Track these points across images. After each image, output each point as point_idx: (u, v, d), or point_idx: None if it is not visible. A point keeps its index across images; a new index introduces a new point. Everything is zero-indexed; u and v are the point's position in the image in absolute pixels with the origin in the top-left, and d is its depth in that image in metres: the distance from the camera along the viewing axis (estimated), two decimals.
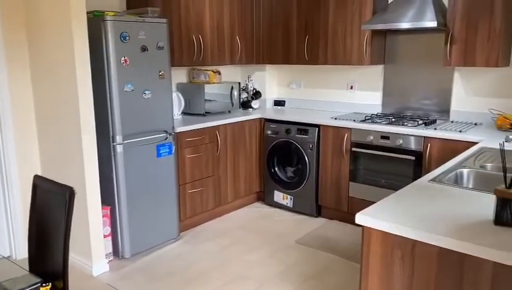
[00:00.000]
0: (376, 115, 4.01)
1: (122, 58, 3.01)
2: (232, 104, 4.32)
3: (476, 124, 3.56)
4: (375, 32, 3.80)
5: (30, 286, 1.55)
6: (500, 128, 3.30)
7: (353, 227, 3.76)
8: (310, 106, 4.62)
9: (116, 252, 3.25)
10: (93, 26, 2.92)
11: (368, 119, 3.79)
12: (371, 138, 3.59)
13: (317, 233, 3.71)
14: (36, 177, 2.09)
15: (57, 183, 1.98)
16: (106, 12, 3.00)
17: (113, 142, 3.07)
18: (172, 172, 3.45)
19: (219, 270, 3.09)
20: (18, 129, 3.16)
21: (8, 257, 3.27)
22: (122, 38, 2.99)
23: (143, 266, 3.16)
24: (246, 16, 4.34)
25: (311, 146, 3.92)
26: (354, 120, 3.76)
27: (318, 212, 4.06)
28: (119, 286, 2.89)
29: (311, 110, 4.49)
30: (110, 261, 3.19)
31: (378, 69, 4.10)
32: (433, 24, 3.21)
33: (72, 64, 2.81)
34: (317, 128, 3.88)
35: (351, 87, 4.31)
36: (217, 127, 3.85)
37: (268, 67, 4.76)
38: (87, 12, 2.90)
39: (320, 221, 3.97)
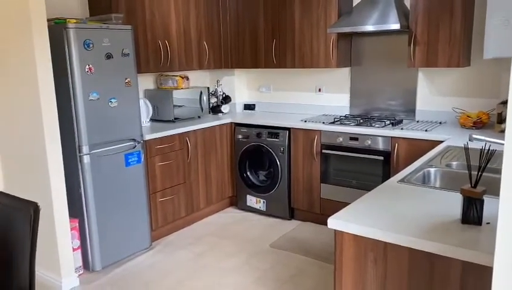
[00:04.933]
0: (344, 116, 4.07)
1: (87, 66, 2.93)
2: (202, 110, 4.29)
3: (440, 123, 3.66)
4: (341, 35, 3.86)
5: None
6: (463, 126, 3.41)
7: (326, 228, 3.79)
8: (279, 109, 4.64)
9: (86, 265, 3.16)
10: (54, 34, 2.84)
11: (337, 121, 3.83)
12: (340, 139, 3.63)
13: (290, 236, 3.72)
14: None
15: (20, 199, 1.90)
16: (68, 19, 2.91)
17: (79, 152, 2.99)
18: (141, 181, 3.38)
19: (194, 279, 3.05)
20: None
21: None
22: (85, 46, 2.91)
23: (115, 279, 3.08)
24: (213, 20, 4.32)
25: (282, 149, 3.94)
26: (323, 122, 3.79)
27: (291, 214, 4.07)
28: None
29: (281, 113, 4.51)
30: (80, 274, 3.09)
31: (345, 71, 4.16)
32: (396, 26, 3.29)
33: (33, 74, 2.71)
34: (287, 131, 3.90)
35: (319, 90, 4.35)
36: (187, 133, 3.81)
37: (237, 71, 4.75)
38: (48, 20, 2.81)
39: (294, 223, 3.98)
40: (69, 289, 2.95)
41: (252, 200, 4.23)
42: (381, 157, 3.44)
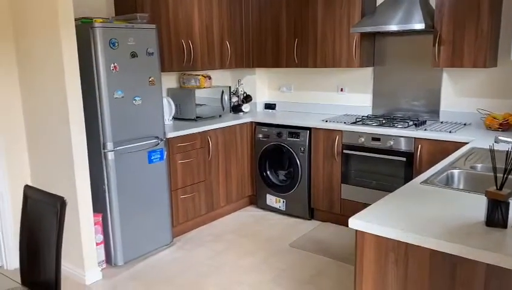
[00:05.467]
0: (367, 116, 4.03)
1: (112, 65, 2.99)
2: (223, 109, 4.32)
3: (465, 124, 3.60)
4: (364, 35, 3.83)
5: None
6: (489, 128, 3.34)
7: (346, 229, 3.77)
8: (300, 108, 4.63)
9: (109, 259, 3.22)
10: (81, 34, 2.90)
11: (359, 121, 3.81)
12: (362, 139, 3.61)
13: (310, 236, 3.71)
14: (27, 187, 2.06)
15: (48, 193, 1.96)
16: (94, 19, 2.98)
17: (104, 149, 3.05)
18: (164, 178, 3.43)
19: (213, 276, 3.08)
20: (7, 139, 3.12)
21: (0, 267, 3.23)
22: (111, 45, 2.97)
23: (136, 273, 3.13)
24: (235, 20, 4.34)
25: (302, 149, 3.93)
26: (345, 122, 3.77)
27: (311, 215, 4.07)
28: None
29: (302, 113, 4.51)
30: (103, 269, 3.16)
31: (368, 71, 4.12)
32: (421, 26, 3.24)
33: (61, 72, 2.79)
34: (308, 131, 3.89)
35: (341, 90, 4.33)
36: (208, 132, 3.84)
37: (258, 71, 4.77)
38: (75, 19, 2.88)
39: (314, 224, 3.97)
40: (92, 282, 3.02)
41: (271, 200, 4.24)
42: (404, 159, 3.40)
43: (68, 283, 3.00)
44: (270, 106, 4.78)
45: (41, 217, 1.97)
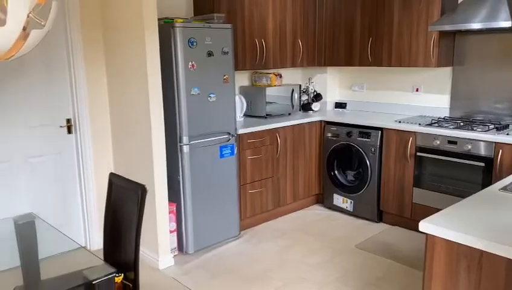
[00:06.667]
0: (443, 118, 3.86)
1: (190, 63, 3.15)
2: (293, 107, 4.36)
3: None
4: (443, 33, 3.67)
5: (106, 276, 1.68)
6: None
7: (416, 234, 3.65)
8: (372, 108, 4.54)
9: (180, 247, 3.41)
10: (163, 33, 3.09)
11: (435, 123, 3.66)
12: (437, 142, 3.47)
13: (378, 238, 3.64)
14: (112, 174, 2.26)
15: (131, 180, 2.13)
16: (176, 19, 3.16)
17: (180, 142, 3.23)
18: (234, 172, 3.55)
19: (278, 271, 3.14)
20: (94, 129, 3.42)
21: (84, 247, 3.54)
22: (190, 44, 3.13)
23: (205, 262, 3.28)
24: (309, 18, 4.36)
25: (373, 150, 3.86)
26: (420, 124, 3.65)
27: (379, 217, 3.98)
28: (183, 281, 3.03)
29: (374, 113, 4.41)
30: (175, 255, 3.35)
31: (446, 71, 3.94)
32: (507, 24, 3.04)
33: (143, 68, 3.00)
34: (380, 132, 3.81)
35: (417, 90, 4.18)
36: (277, 129, 3.91)
37: (329, 69, 4.74)
38: (158, 19, 3.07)
39: (382, 226, 3.89)
40: (165, 268, 3.21)
41: (338, 200, 4.22)
42: (482, 164, 3.22)
43: (143, 266, 3.21)
44: (340, 105, 4.74)
45: (124, 203, 2.15)
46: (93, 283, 1.64)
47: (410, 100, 4.25)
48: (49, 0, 1.39)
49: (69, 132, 3.36)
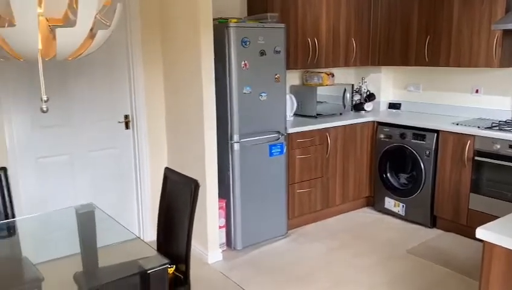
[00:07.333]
0: (505, 122, 3.66)
1: (243, 62, 3.20)
2: (344, 107, 4.30)
3: None
4: (507, 32, 3.47)
5: (160, 266, 1.75)
6: None
7: (472, 241, 3.49)
8: (428, 109, 4.38)
9: (229, 243, 3.47)
10: (218, 32, 3.16)
11: (495, 126, 3.48)
12: (498, 146, 3.29)
13: (430, 244, 3.52)
14: (167, 169, 2.34)
15: (184, 175, 2.21)
16: (230, 19, 3.22)
17: (231, 140, 3.29)
18: (282, 171, 3.57)
19: (326, 272, 3.12)
20: (150, 125, 3.55)
21: (138, 237, 3.70)
22: (243, 44, 3.18)
23: (252, 259, 3.32)
24: (363, 17, 4.28)
25: (428, 152, 3.73)
26: (479, 127, 3.48)
27: (433, 222, 3.84)
28: (231, 276, 3.09)
29: (430, 115, 4.26)
30: (223, 251, 3.41)
31: (510, 72, 3.73)
32: None
33: (198, 67, 3.08)
34: (435, 134, 3.68)
35: (476, 91, 3.99)
36: (328, 129, 3.87)
37: (384, 69, 4.63)
38: (213, 19, 3.14)
39: (435, 232, 3.75)
40: (213, 262, 3.29)
41: (390, 203, 4.11)
42: None
43: (192, 259, 3.25)
44: (394, 106, 4.61)
45: (178, 197, 2.22)
46: (148, 272, 1.71)
47: (469, 102, 4.06)
48: (115, 1, 1.47)
49: (127, 127, 3.52)
